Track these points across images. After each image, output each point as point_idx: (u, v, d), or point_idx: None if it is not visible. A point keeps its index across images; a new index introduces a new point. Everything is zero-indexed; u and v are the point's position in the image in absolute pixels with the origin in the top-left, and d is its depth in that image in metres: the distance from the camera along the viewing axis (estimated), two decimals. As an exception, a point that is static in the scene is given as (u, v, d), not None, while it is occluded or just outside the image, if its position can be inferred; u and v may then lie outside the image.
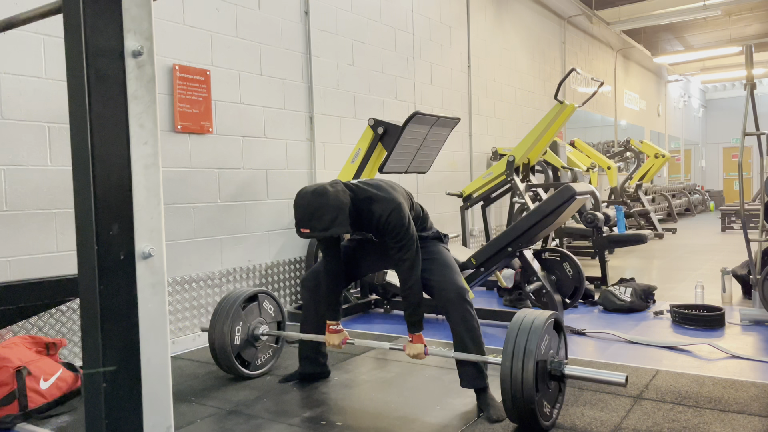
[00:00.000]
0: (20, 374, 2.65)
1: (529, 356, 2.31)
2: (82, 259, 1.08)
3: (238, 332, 3.14)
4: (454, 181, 6.84)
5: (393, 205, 2.61)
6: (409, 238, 2.63)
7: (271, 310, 3.36)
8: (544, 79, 9.32)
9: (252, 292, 3.24)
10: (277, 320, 3.41)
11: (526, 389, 2.29)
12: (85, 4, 1.05)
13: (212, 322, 3.14)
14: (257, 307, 3.28)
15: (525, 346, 2.33)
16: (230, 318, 3.10)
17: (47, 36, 3.21)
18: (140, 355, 1.14)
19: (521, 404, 2.30)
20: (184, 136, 3.92)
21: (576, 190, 3.94)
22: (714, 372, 3.11)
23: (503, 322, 4.22)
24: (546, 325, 2.40)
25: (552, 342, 2.49)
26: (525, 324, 2.41)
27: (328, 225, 2.45)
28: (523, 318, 2.46)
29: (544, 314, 2.45)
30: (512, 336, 2.39)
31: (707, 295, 4.69)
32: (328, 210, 2.45)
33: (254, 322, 3.25)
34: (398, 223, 2.60)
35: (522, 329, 2.39)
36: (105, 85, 1.07)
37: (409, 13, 6.15)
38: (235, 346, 3.13)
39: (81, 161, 1.06)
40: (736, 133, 20.41)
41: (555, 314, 2.51)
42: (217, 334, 3.09)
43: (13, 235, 3.07)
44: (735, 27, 12.74)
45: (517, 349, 2.34)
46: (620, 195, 10.18)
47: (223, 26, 4.17)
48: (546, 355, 2.41)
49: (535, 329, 2.37)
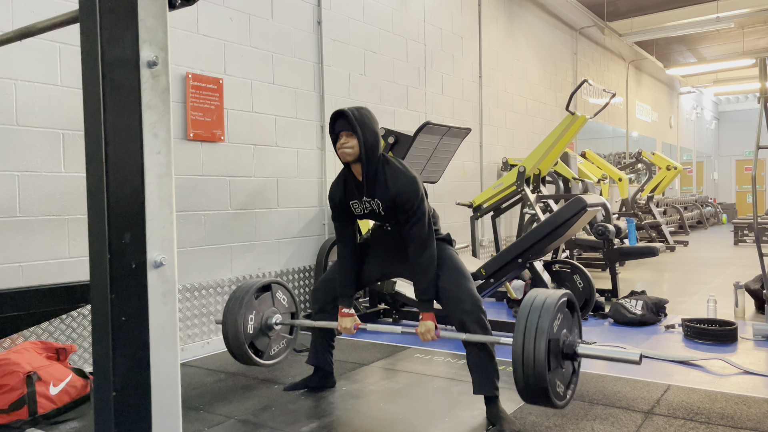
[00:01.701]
0: (30, 379, 2.66)
1: (541, 334, 2.24)
2: (95, 268, 1.08)
3: (251, 321, 3.13)
4: (464, 191, 6.83)
5: (410, 176, 2.69)
6: (422, 213, 2.66)
7: (284, 300, 3.35)
8: (556, 90, 9.31)
9: (265, 282, 3.24)
10: (291, 311, 3.39)
11: (537, 367, 2.22)
12: (101, 15, 1.06)
13: (225, 311, 3.13)
14: (270, 297, 3.26)
15: (537, 324, 2.26)
16: (243, 307, 3.08)
17: (63, 44, 3.25)
18: (150, 364, 1.15)
19: (533, 383, 2.24)
20: (196, 144, 3.94)
21: (587, 202, 3.92)
22: (726, 388, 3.07)
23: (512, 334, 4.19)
24: (558, 303, 2.34)
25: (565, 321, 2.42)
26: (537, 302, 2.34)
27: (359, 118, 2.64)
28: (535, 296, 2.39)
29: (557, 293, 2.39)
30: (524, 314, 2.33)
31: (719, 309, 4.64)
32: (367, 114, 2.69)
33: (267, 312, 3.23)
34: (413, 194, 2.64)
35: (534, 307, 2.33)
36: (120, 94, 1.08)
37: (421, 23, 6.17)
38: (248, 335, 3.12)
39: (95, 170, 1.07)
40: (749, 145, 20.27)
41: (568, 293, 2.45)
42: (230, 323, 3.08)
43: (27, 241, 3.10)
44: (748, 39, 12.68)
45: (528, 327, 2.27)
46: (631, 207, 10.12)
47: (236, 35, 4.20)
48: (558, 334, 2.35)
49: (548, 307, 2.30)
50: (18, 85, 3.07)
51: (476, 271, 4.25)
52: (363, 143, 2.63)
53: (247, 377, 3.39)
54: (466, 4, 6.98)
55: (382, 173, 2.70)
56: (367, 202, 2.78)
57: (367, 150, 2.66)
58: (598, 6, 9.83)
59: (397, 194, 2.66)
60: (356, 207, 2.82)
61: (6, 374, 2.63)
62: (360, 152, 2.66)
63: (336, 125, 2.70)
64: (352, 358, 3.70)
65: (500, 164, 7.65)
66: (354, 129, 2.64)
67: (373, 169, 2.70)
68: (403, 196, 2.64)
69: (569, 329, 2.45)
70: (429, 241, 2.68)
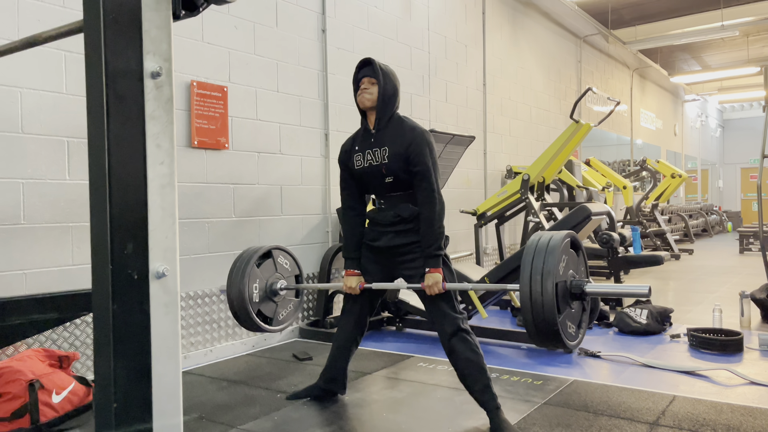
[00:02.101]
0: (33, 387, 2.65)
1: (548, 277, 2.21)
2: (97, 279, 1.08)
3: (255, 289, 3.12)
4: (468, 199, 6.82)
5: (422, 129, 2.82)
6: (431, 165, 2.74)
7: (287, 264, 3.34)
8: (560, 98, 9.31)
9: (265, 249, 3.23)
10: (295, 274, 3.38)
11: (547, 311, 2.18)
12: (105, 26, 1.06)
13: (228, 282, 3.12)
14: (272, 264, 3.25)
15: (543, 267, 2.23)
16: (246, 276, 3.07)
17: (68, 52, 3.26)
18: (152, 375, 1.14)
19: (544, 327, 2.20)
20: (201, 152, 3.95)
21: (591, 211, 3.91)
22: (732, 399, 3.04)
23: (516, 342, 4.18)
24: (563, 244, 2.30)
25: (571, 262, 2.37)
26: (541, 245, 2.29)
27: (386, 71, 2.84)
28: (539, 239, 2.33)
29: (560, 234, 2.34)
30: (528, 259, 2.28)
31: (725, 319, 4.61)
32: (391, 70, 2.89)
33: (272, 278, 3.22)
34: (425, 145, 2.75)
35: (538, 251, 2.28)
36: (123, 105, 1.07)
37: (426, 31, 6.18)
38: (254, 303, 3.11)
39: (98, 180, 1.07)
40: (754, 153, 20.21)
41: (571, 233, 2.41)
42: (234, 294, 3.07)
43: (30, 248, 3.10)
44: (753, 47, 12.67)
45: (534, 272, 2.23)
46: (636, 215, 10.09)
47: (241, 43, 4.21)
48: (565, 276, 2.31)
49: (552, 249, 2.26)
50: (24, 93, 3.08)
51: (480, 279, 4.24)
52: (382, 91, 2.82)
53: (249, 386, 3.38)
54: (470, 13, 7.00)
55: (397, 125, 2.84)
56: (371, 152, 2.85)
57: (385, 98, 2.83)
58: (602, 14, 9.84)
59: (410, 144, 2.75)
60: (358, 160, 2.90)
61: (8, 382, 2.63)
62: (377, 99, 2.82)
63: (360, 72, 2.88)
64: (355, 367, 3.68)
65: (504, 172, 7.64)
66: (377, 76, 2.82)
67: (386, 118, 2.85)
68: (415, 147, 2.74)
69: (575, 269, 2.39)
70: (436, 194, 2.75)
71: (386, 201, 2.89)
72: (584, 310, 2.44)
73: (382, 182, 2.85)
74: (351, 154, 2.94)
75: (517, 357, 3.89)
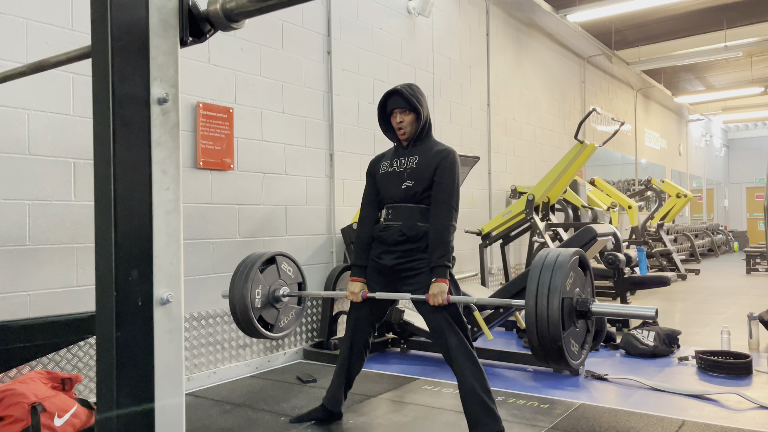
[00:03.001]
0: (35, 410, 2.63)
1: (554, 293, 2.19)
2: (101, 305, 1.07)
3: (258, 295, 3.10)
4: (473, 219, 6.81)
5: (453, 150, 2.84)
6: (454, 182, 2.78)
7: (290, 271, 3.31)
8: (564, 118, 9.33)
9: (269, 255, 3.21)
10: (297, 281, 3.36)
11: (552, 327, 2.16)
12: (113, 52, 1.06)
13: (231, 286, 3.09)
14: (276, 270, 3.23)
15: (550, 283, 2.21)
16: (249, 281, 3.05)
17: (76, 74, 3.29)
18: (155, 402, 1.13)
19: (548, 342, 2.17)
20: (206, 172, 3.96)
21: (597, 232, 3.89)
22: (742, 423, 2.99)
23: (522, 364, 4.13)
24: (571, 261, 2.28)
25: (578, 280, 2.36)
26: (549, 261, 2.28)
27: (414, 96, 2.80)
28: (547, 255, 2.33)
29: (569, 251, 2.34)
30: (536, 274, 2.27)
31: (733, 341, 4.56)
32: (420, 91, 2.86)
33: (274, 284, 3.20)
34: (451, 164, 2.79)
35: (546, 266, 2.27)
36: (130, 131, 1.08)
37: (430, 53, 6.22)
38: (256, 309, 3.08)
39: (103, 206, 1.06)
40: (759, 172, 20.18)
41: (579, 251, 2.40)
42: (237, 299, 3.04)
43: (35, 270, 3.10)
44: (756, 68, 12.71)
45: (541, 287, 2.22)
46: (641, 235, 10.05)
47: (247, 65, 4.24)
48: (572, 293, 2.29)
49: (560, 266, 2.24)
50: (31, 115, 3.10)
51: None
52: (423, 119, 2.84)
53: (253, 409, 3.35)
54: (474, 34, 7.05)
55: (431, 141, 2.89)
56: (398, 161, 2.89)
57: (424, 126, 2.86)
58: (605, 35, 9.90)
59: (442, 158, 2.79)
60: (384, 166, 2.94)
61: (11, 405, 2.61)
62: (416, 129, 2.84)
63: (389, 103, 2.86)
64: (360, 390, 3.65)
65: (509, 192, 7.64)
66: (412, 105, 2.80)
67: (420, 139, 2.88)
68: (443, 159, 2.78)
69: (582, 288, 2.38)
70: (452, 209, 2.76)
71: (395, 211, 2.87)
72: (588, 331, 2.42)
73: (398, 187, 2.85)
74: (379, 164, 2.99)
75: (523, 380, 3.85)
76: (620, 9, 8.01)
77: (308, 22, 4.75)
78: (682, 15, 9.37)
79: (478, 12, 7.17)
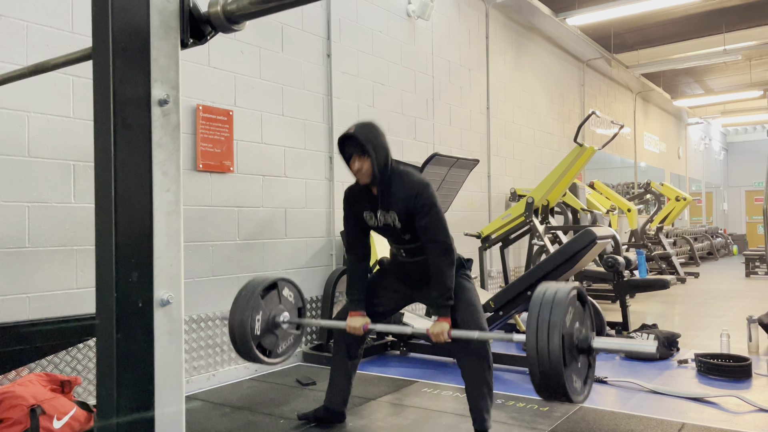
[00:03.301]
0: (34, 413, 2.62)
1: (554, 329, 2.20)
2: (101, 307, 1.07)
3: (258, 321, 3.09)
4: (472, 222, 6.81)
5: (423, 183, 2.72)
6: (440, 219, 2.69)
7: (291, 297, 3.31)
8: (563, 121, 9.34)
9: (271, 281, 3.20)
10: (298, 306, 3.35)
11: (553, 364, 2.16)
12: (114, 54, 1.07)
13: (232, 311, 3.08)
14: (277, 295, 3.23)
15: (549, 320, 2.21)
16: (249, 308, 3.04)
17: (76, 77, 3.29)
18: (154, 404, 1.13)
19: (551, 380, 2.18)
20: (206, 175, 3.96)
21: (597, 235, 3.89)
22: (742, 426, 2.99)
23: (522, 368, 4.13)
24: (569, 297, 2.30)
25: (577, 314, 2.37)
26: (548, 297, 2.28)
27: (370, 140, 2.64)
28: (545, 290, 2.34)
29: (567, 286, 2.35)
30: (535, 310, 2.27)
31: (733, 344, 4.55)
32: (379, 135, 2.70)
33: (274, 311, 3.20)
34: (429, 200, 2.67)
35: (545, 302, 2.26)
36: (130, 132, 1.08)
37: (429, 56, 6.23)
38: (255, 336, 3.07)
39: (104, 208, 1.07)
40: (758, 176, 20.19)
41: (577, 286, 2.41)
42: (236, 325, 3.03)
43: (34, 272, 3.09)
44: (756, 71, 12.73)
45: (541, 323, 2.22)
46: (641, 238, 10.05)
47: (246, 68, 4.25)
48: (572, 329, 2.30)
49: (559, 302, 2.26)
50: (31, 117, 3.11)
51: (485, 303, 4.21)
52: (376, 164, 2.66)
53: (252, 411, 3.35)
54: (474, 37, 7.06)
55: (398, 183, 2.73)
56: (381, 214, 2.79)
57: (381, 169, 2.69)
58: (604, 38, 9.92)
59: (412, 199, 2.68)
60: (370, 219, 2.83)
61: (9, 407, 2.60)
62: (374, 172, 2.69)
63: (346, 149, 2.73)
64: (360, 393, 3.64)
65: (508, 195, 7.64)
66: (366, 151, 2.65)
67: (386, 179, 2.73)
68: (418, 200, 2.67)
69: (581, 322, 2.39)
70: (447, 244, 2.71)
71: (407, 251, 2.88)
72: (590, 366, 2.43)
73: (400, 236, 2.84)
74: (360, 209, 2.86)
75: (522, 383, 3.85)
76: (619, 12, 8.02)
77: (308, 25, 4.75)
78: (682, 18, 9.39)
79: (478, 15, 7.18)
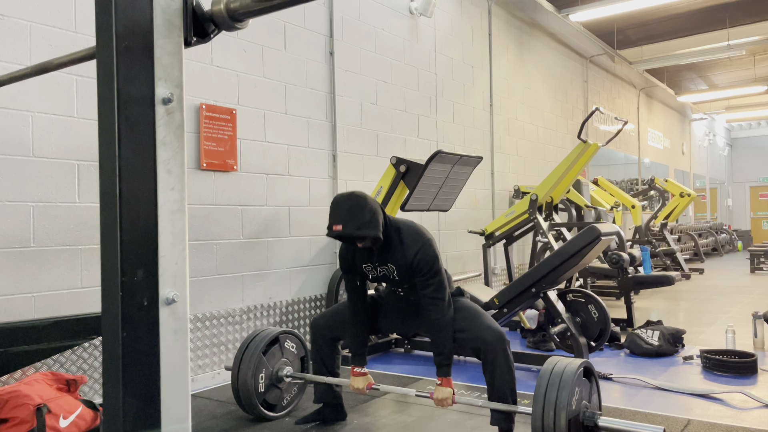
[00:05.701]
0: (40, 412, 2.63)
1: (561, 412, 2.23)
2: (106, 305, 1.07)
3: (261, 379, 3.12)
4: (476, 219, 6.81)
5: (424, 239, 2.66)
6: (439, 277, 2.64)
7: (293, 348, 3.33)
8: (567, 118, 9.32)
9: (272, 336, 3.21)
10: (300, 356, 3.37)
11: None
12: (118, 53, 1.06)
13: (234, 370, 3.10)
14: (279, 349, 3.25)
15: (556, 402, 2.25)
16: (252, 367, 3.06)
17: (80, 77, 3.30)
18: (161, 403, 1.13)
19: None
20: (209, 174, 3.96)
21: (601, 231, 3.88)
22: (748, 422, 2.98)
23: (526, 365, 4.13)
24: (576, 376, 2.32)
25: (584, 392, 2.40)
26: (554, 377, 2.32)
27: (362, 225, 2.52)
28: (552, 369, 2.37)
29: (574, 364, 2.37)
30: (541, 391, 2.31)
31: (738, 340, 4.54)
32: (365, 211, 2.54)
33: (277, 365, 3.21)
34: (429, 258, 2.62)
35: (551, 383, 2.31)
36: (135, 131, 1.08)
37: (432, 53, 6.22)
38: (259, 393, 3.10)
39: (109, 207, 1.07)
40: (763, 171, 20.13)
41: (585, 362, 2.43)
42: (241, 384, 3.06)
43: (39, 271, 3.10)
44: (760, 66, 12.68)
45: (547, 406, 2.26)
46: (645, 234, 10.03)
47: (249, 67, 4.25)
48: (578, 409, 2.33)
49: (565, 382, 2.29)
50: (35, 117, 3.11)
51: (489, 300, 4.21)
52: (374, 237, 2.59)
53: (257, 409, 3.35)
54: (476, 35, 7.05)
55: (396, 239, 2.68)
56: (379, 267, 2.77)
57: (375, 241, 2.64)
58: (608, 35, 9.89)
59: (414, 261, 2.63)
60: (369, 270, 2.82)
61: (16, 407, 2.61)
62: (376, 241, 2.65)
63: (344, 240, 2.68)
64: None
65: (512, 192, 7.63)
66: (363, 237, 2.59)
67: (384, 241, 2.68)
68: (420, 262, 2.62)
69: (588, 398, 2.42)
70: (446, 304, 2.66)
71: (404, 290, 2.89)
72: None
73: (397, 285, 2.85)
74: (357, 265, 2.82)
75: (528, 379, 3.84)
76: (622, 8, 7.99)
77: (310, 23, 4.75)
78: (685, 14, 9.35)
79: (480, 12, 7.16)
